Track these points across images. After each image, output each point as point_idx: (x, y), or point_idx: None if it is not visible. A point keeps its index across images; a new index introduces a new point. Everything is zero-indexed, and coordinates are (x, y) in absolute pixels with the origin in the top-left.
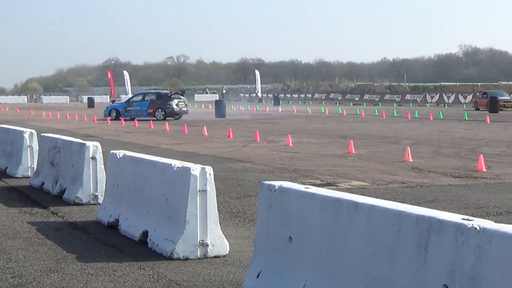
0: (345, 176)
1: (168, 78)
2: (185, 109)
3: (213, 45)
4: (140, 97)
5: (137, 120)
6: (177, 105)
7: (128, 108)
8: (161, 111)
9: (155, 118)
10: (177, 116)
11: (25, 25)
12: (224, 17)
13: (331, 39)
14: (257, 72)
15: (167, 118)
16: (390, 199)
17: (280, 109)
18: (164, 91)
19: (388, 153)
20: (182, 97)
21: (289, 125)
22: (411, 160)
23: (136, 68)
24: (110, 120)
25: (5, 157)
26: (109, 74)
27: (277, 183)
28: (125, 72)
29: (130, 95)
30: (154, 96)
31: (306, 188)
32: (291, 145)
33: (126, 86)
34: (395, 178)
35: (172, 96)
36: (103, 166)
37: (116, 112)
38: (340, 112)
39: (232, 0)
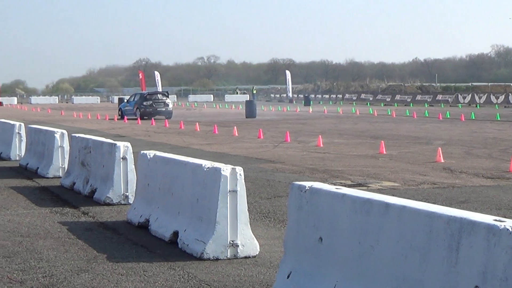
0: (376, 177)
1: (198, 78)
2: (164, 109)
3: (243, 45)
4: (132, 98)
5: (127, 118)
6: (150, 105)
7: (126, 108)
8: (138, 111)
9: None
10: (151, 116)
11: (56, 26)
12: (255, 17)
13: (362, 39)
14: (287, 72)
15: (144, 118)
16: (421, 200)
17: (311, 110)
18: (144, 92)
19: (419, 154)
20: (164, 97)
21: (320, 126)
22: (442, 160)
23: (167, 68)
24: (117, 118)
25: (37, 157)
26: (140, 74)
27: (307, 184)
28: (156, 72)
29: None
30: (138, 96)
31: (336, 188)
32: (321, 145)
33: (157, 86)
34: (426, 179)
35: (148, 97)
36: (133, 166)
37: (121, 111)
38: (371, 112)
39: (263, 0)
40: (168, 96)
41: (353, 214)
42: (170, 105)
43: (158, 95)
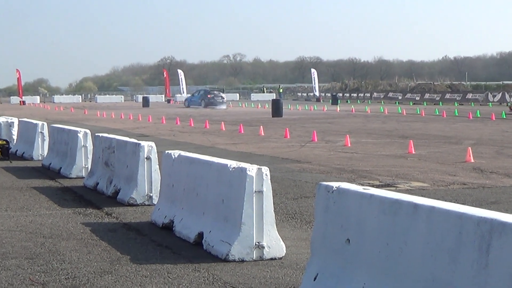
0: (405, 177)
1: (224, 77)
2: (221, 101)
3: (270, 43)
4: (197, 93)
5: (191, 106)
6: (212, 98)
7: (191, 100)
8: (203, 101)
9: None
10: (212, 106)
11: (80, 24)
12: (282, 14)
13: (391, 37)
14: (314, 71)
15: (207, 107)
16: (450, 201)
17: (338, 109)
18: (207, 89)
19: (448, 154)
20: (220, 93)
21: (347, 125)
22: (472, 160)
23: (192, 66)
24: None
25: (60, 157)
26: (165, 73)
27: (335, 184)
28: (179, 71)
29: (185, 95)
30: (202, 92)
31: (364, 189)
32: (349, 145)
33: (181, 85)
34: (456, 179)
35: (210, 92)
36: (157, 166)
37: (187, 101)
38: (400, 111)
39: None
40: (223, 92)
41: (381, 215)
42: (225, 99)
43: (215, 91)
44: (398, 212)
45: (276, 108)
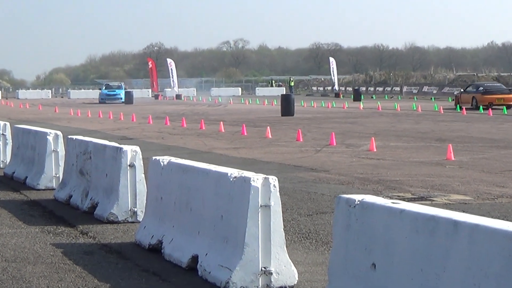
0: (442, 189)
1: (223, 67)
2: None
3: (278, 26)
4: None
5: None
6: None
7: None
8: None
9: None
10: None
11: (49, 4)
12: None
13: (425, 19)
14: (332, 60)
15: None
16: (498, 217)
17: (362, 106)
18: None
19: (496, 160)
20: None
21: (373, 126)
22: None
23: (184, 55)
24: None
25: (25, 165)
26: (150, 62)
27: (357, 197)
28: (169, 60)
29: (176, 89)
30: None
31: (393, 203)
32: (375, 150)
33: (171, 77)
34: (505, 191)
35: None
36: (143, 175)
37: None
38: (436, 109)
39: None
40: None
41: (413, 234)
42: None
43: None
44: (434, 231)
45: (287, 105)
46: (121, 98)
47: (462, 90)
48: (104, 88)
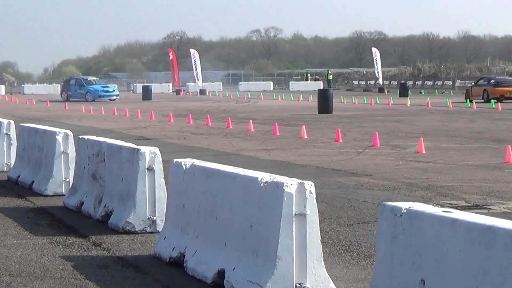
0: (500, 196)
1: (252, 59)
2: None
3: (315, 13)
4: None
5: None
6: None
7: None
8: None
9: None
10: None
11: None
12: None
13: (481, 5)
14: (375, 51)
15: None
16: None
17: (409, 102)
18: None
19: None
20: None
21: (422, 124)
22: None
23: (209, 45)
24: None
25: (31, 168)
26: (171, 53)
27: (404, 205)
28: (192, 51)
29: (200, 83)
30: None
31: (445, 212)
32: (424, 151)
33: (194, 70)
34: None
35: None
36: (163, 180)
37: None
38: (493, 106)
39: None
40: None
41: (468, 247)
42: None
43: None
44: (491, 244)
45: (324, 101)
46: (118, 95)
47: (473, 83)
48: (82, 83)
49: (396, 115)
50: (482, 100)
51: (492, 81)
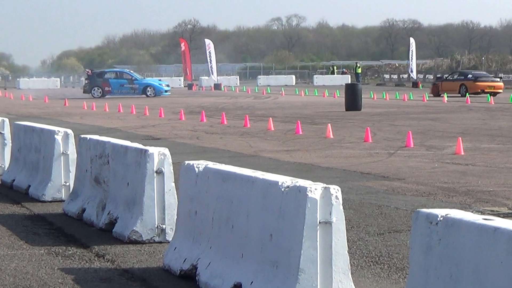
0: None
1: (273, 50)
2: None
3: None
4: None
5: None
6: None
7: None
8: None
9: None
10: None
11: None
12: None
13: None
14: (413, 41)
15: None
16: None
17: (446, 98)
18: None
19: None
20: None
21: (460, 123)
22: None
23: (225, 35)
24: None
25: (28, 171)
26: (182, 44)
27: (440, 212)
28: (206, 41)
29: (215, 76)
30: None
31: (485, 219)
32: (462, 153)
33: (209, 62)
34: None
35: None
36: (173, 184)
37: None
38: None
39: None
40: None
41: (510, 258)
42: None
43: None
44: None
45: (352, 97)
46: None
47: (444, 77)
48: (132, 76)
49: (431, 112)
50: (459, 95)
51: (470, 76)
